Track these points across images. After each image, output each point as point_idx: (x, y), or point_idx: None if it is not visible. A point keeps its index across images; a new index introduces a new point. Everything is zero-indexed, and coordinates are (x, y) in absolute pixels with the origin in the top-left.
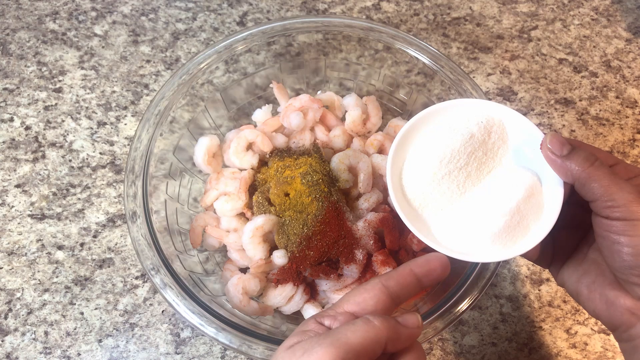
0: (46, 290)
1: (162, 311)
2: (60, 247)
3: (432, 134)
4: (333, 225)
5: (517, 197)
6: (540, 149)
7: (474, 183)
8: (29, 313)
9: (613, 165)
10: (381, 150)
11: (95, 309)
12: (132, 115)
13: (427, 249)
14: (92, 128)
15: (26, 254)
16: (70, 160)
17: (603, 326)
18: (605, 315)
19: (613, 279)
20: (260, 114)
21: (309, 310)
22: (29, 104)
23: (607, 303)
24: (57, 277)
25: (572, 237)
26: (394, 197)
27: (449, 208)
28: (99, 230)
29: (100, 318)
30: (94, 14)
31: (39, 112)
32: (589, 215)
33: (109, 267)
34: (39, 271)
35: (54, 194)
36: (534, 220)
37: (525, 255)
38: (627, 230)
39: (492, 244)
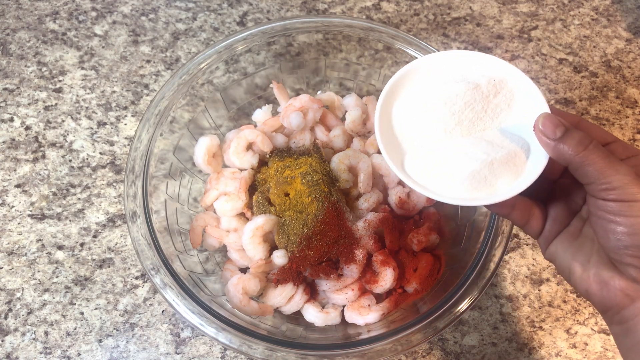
0: (46, 290)
1: (162, 311)
2: (60, 247)
3: (440, 74)
4: (333, 225)
5: (495, 155)
6: (534, 130)
7: (462, 134)
8: (29, 313)
9: (610, 143)
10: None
11: (95, 309)
12: (132, 115)
13: (426, 249)
14: (92, 128)
15: (26, 254)
16: (70, 160)
17: (603, 326)
18: (598, 295)
19: (609, 259)
20: (260, 114)
21: (309, 310)
22: (29, 104)
23: (601, 283)
24: (57, 277)
25: (567, 210)
26: (377, 123)
27: (429, 148)
28: (99, 230)
29: (100, 318)
30: (94, 14)
31: (39, 112)
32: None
33: (109, 267)
34: (39, 271)
35: (54, 194)
36: (504, 180)
37: (501, 214)
38: (624, 210)
39: (457, 188)
